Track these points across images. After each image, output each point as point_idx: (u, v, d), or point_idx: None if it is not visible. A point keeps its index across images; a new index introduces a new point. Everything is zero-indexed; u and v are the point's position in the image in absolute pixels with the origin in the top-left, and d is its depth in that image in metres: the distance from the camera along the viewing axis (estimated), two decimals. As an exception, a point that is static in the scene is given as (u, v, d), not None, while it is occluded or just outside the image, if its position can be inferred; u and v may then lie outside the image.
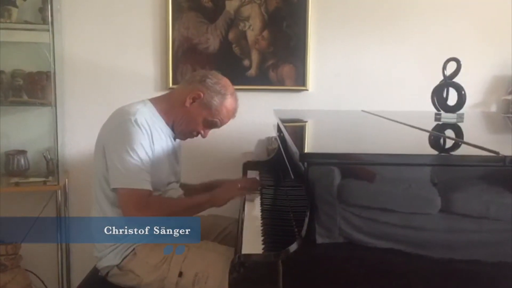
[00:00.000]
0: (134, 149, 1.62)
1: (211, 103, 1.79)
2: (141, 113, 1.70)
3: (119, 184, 1.62)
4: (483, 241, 1.20)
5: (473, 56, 2.79)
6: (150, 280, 1.66)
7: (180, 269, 1.64)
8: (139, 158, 1.63)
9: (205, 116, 1.81)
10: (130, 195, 1.61)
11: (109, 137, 1.68)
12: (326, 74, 2.86)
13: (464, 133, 1.70)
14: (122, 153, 1.62)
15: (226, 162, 2.74)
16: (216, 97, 1.79)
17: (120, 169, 1.61)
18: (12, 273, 2.49)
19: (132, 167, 1.61)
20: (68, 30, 2.63)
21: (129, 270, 1.69)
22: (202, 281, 1.61)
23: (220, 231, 2.02)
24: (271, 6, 2.76)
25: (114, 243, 1.71)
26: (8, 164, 2.53)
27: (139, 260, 1.68)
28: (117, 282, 1.72)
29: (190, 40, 2.73)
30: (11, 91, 2.51)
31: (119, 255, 1.70)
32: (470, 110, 2.75)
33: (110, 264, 1.71)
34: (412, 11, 2.87)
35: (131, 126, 1.64)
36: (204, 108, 1.80)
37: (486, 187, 1.19)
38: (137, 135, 1.64)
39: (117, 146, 1.64)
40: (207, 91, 1.79)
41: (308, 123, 2.16)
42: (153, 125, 1.73)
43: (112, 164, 1.63)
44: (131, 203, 1.61)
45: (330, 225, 1.15)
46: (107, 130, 1.72)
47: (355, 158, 1.20)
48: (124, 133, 1.64)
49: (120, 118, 1.69)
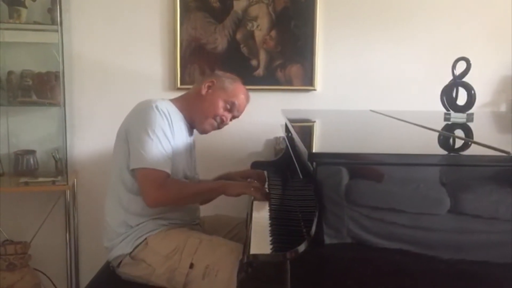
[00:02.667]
0: (155, 132, 1.68)
1: (225, 86, 1.90)
2: (162, 103, 1.78)
3: (139, 164, 1.67)
4: (492, 242, 1.18)
5: (482, 56, 2.77)
6: (161, 270, 1.67)
7: (191, 261, 1.65)
8: (159, 141, 1.68)
9: (223, 97, 1.89)
10: (149, 174, 1.66)
11: (131, 123, 1.75)
12: (334, 74, 2.85)
13: (474, 133, 1.68)
14: (143, 135, 1.68)
15: (234, 162, 2.73)
16: (227, 81, 1.92)
17: (141, 151, 1.67)
18: (21, 272, 2.51)
19: (152, 149, 1.67)
20: (77, 30, 2.64)
21: (141, 260, 1.70)
22: (212, 274, 1.61)
23: (228, 230, 2.03)
24: (279, 5, 2.76)
25: (125, 232, 1.74)
26: (17, 164, 2.54)
27: (151, 250, 1.70)
28: (129, 272, 1.74)
29: (198, 40, 2.73)
30: (20, 91, 2.52)
31: (130, 244, 1.72)
32: (480, 110, 2.74)
33: (123, 253, 1.73)
34: (421, 11, 2.86)
35: (152, 111, 1.72)
36: (220, 91, 1.89)
37: (496, 187, 1.18)
38: (158, 119, 1.71)
39: (138, 130, 1.70)
40: (218, 78, 1.92)
41: (316, 123, 2.16)
42: (173, 117, 1.79)
43: (133, 147, 1.70)
44: (149, 182, 1.66)
45: (338, 225, 1.15)
46: (130, 118, 1.79)
47: (364, 158, 1.19)
48: (145, 117, 1.71)
49: (142, 106, 1.77)
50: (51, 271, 2.73)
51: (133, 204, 1.75)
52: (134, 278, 1.74)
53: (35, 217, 2.70)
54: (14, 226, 2.67)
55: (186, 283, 1.65)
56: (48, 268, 2.72)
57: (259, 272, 1.20)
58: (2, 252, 2.50)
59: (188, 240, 1.70)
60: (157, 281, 1.69)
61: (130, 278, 1.75)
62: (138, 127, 1.70)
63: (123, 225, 1.75)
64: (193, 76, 2.72)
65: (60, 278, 2.73)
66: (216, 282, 1.60)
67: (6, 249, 2.49)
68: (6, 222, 2.66)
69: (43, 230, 2.69)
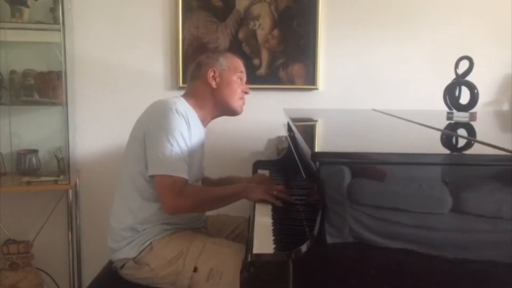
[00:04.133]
0: (174, 137, 1.66)
1: (224, 66, 1.89)
2: (180, 104, 1.75)
3: (157, 170, 1.65)
4: (495, 241, 1.18)
5: (485, 55, 2.76)
6: (164, 274, 1.67)
7: (195, 264, 1.64)
8: (178, 146, 1.66)
9: (232, 76, 1.89)
10: (167, 182, 1.64)
11: (150, 127, 1.71)
12: (337, 73, 2.85)
13: (477, 132, 1.68)
14: (163, 141, 1.65)
15: (236, 161, 2.74)
16: (220, 59, 1.90)
17: (160, 156, 1.64)
18: (24, 271, 2.51)
19: (171, 155, 1.64)
20: (79, 29, 2.65)
21: (145, 264, 1.70)
22: (216, 276, 1.61)
23: (231, 230, 2.02)
24: (281, 4, 2.76)
25: (131, 236, 1.73)
26: (20, 163, 2.54)
27: (155, 254, 1.70)
28: (132, 274, 1.73)
29: (200, 39, 2.73)
30: (22, 90, 2.52)
31: (135, 248, 1.71)
32: (482, 109, 2.73)
33: (127, 257, 1.72)
34: (423, 9, 2.85)
35: (172, 114, 1.68)
36: (225, 72, 1.88)
37: (499, 186, 1.17)
38: (178, 123, 1.68)
39: (158, 134, 1.67)
40: (212, 65, 1.88)
41: (318, 122, 2.15)
42: (190, 117, 1.77)
43: (152, 152, 1.67)
44: (167, 190, 1.64)
45: (341, 224, 1.14)
46: (148, 119, 1.75)
47: (367, 157, 1.19)
48: (165, 121, 1.68)
49: (161, 107, 1.74)
50: (54, 270, 2.73)
51: (144, 210, 1.73)
52: (136, 280, 1.74)
53: (38, 217, 2.70)
54: (16, 225, 2.68)
55: (190, 286, 1.65)
56: (50, 267, 2.73)
57: (262, 272, 1.20)
58: (4, 251, 2.50)
59: (191, 244, 1.70)
60: (161, 284, 1.69)
61: (132, 280, 1.75)
62: (158, 132, 1.67)
63: (130, 229, 1.74)
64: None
65: (62, 277, 2.73)
66: (220, 284, 1.60)
67: (8, 249, 2.50)
68: (8, 222, 2.66)
69: (46, 229, 2.69)
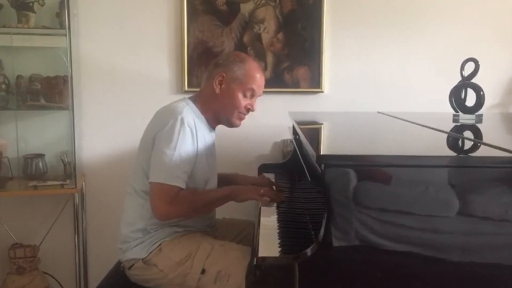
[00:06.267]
0: (176, 147, 1.65)
1: (236, 75, 1.79)
2: (187, 112, 1.73)
3: (153, 178, 1.65)
4: (502, 244, 1.17)
5: (490, 57, 2.75)
6: (172, 275, 1.68)
7: (203, 266, 1.65)
8: (179, 155, 1.65)
9: (239, 89, 1.80)
10: (159, 189, 1.64)
11: (156, 134, 1.70)
12: (341, 76, 2.85)
13: (483, 134, 1.67)
14: (164, 149, 1.65)
15: (242, 164, 2.73)
16: (236, 67, 1.80)
17: (157, 164, 1.65)
18: (30, 275, 2.52)
19: (168, 163, 1.63)
20: (85, 34, 2.66)
21: (153, 265, 1.70)
22: (224, 279, 1.62)
23: (236, 233, 2.03)
24: (286, 8, 2.76)
25: (142, 237, 1.74)
26: (27, 167, 2.55)
27: (164, 256, 1.70)
28: (140, 275, 1.74)
29: (205, 43, 2.73)
30: (29, 95, 2.53)
31: (145, 249, 1.72)
32: (488, 111, 2.72)
33: (136, 257, 1.73)
34: (428, 12, 2.85)
35: (178, 124, 1.67)
36: (234, 82, 1.79)
37: (505, 188, 1.17)
38: (181, 134, 1.67)
39: (161, 142, 1.67)
40: (225, 69, 1.80)
41: (324, 125, 2.15)
42: (198, 124, 1.76)
43: (153, 159, 1.68)
44: (158, 198, 1.64)
45: (347, 227, 1.14)
46: (155, 126, 1.74)
47: (373, 160, 1.19)
48: (170, 131, 1.66)
49: (169, 115, 1.71)
50: (60, 274, 2.74)
51: None
52: (144, 282, 1.74)
53: (44, 221, 2.71)
54: (23, 229, 2.69)
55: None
56: (57, 271, 2.73)
57: (268, 275, 1.20)
58: (11, 255, 2.51)
59: (200, 246, 1.70)
60: (168, 285, 1.70)
61: (139, 281, 1.75)
62: (161, 141, 1.67)
63: (141, 231, 1.74)
64: (200, 79, 2.70)
65: (69, 281, 2.74)
66: (227, 286, 1.61)
67: (15, 253, 2.51)
68: (15, 226, 2.67)
69: (52, 233, 2.70)
